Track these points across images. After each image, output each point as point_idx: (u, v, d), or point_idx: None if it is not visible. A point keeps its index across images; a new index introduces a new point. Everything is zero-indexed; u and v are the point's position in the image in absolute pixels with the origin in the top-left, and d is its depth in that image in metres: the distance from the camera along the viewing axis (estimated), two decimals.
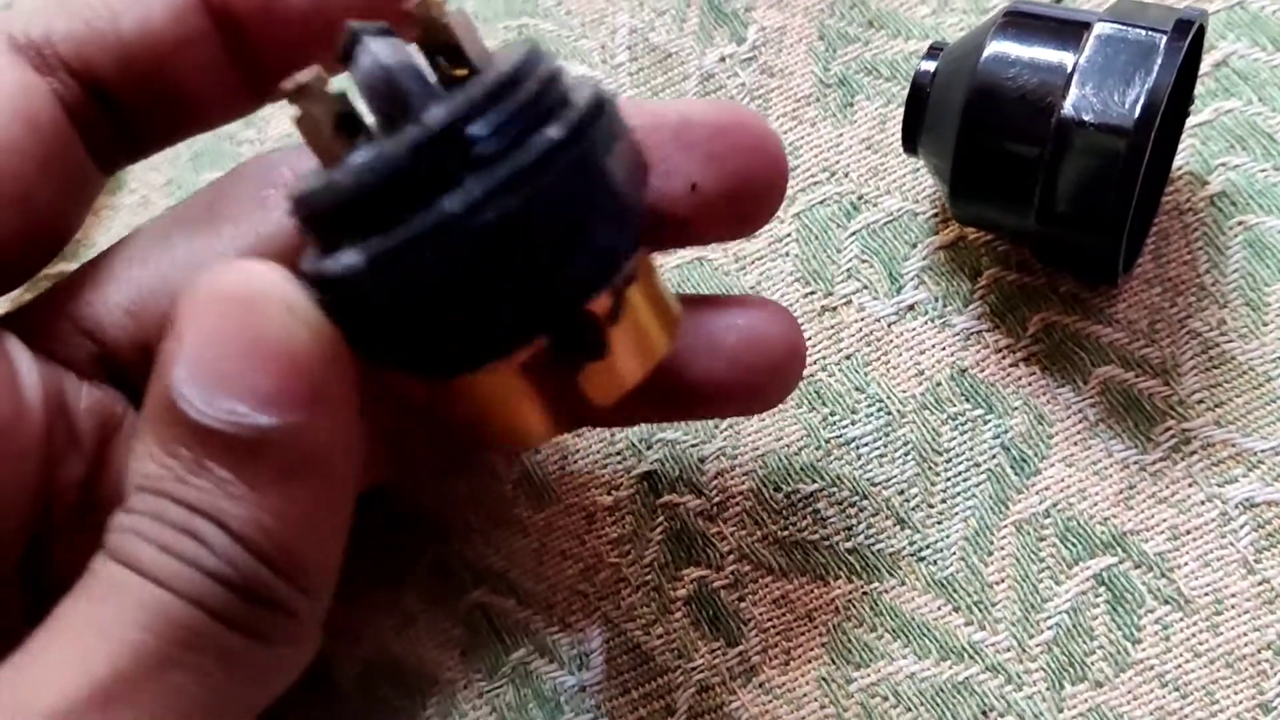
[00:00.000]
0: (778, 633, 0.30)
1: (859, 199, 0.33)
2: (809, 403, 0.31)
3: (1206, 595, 0.28)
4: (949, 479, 0.30)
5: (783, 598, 0.30)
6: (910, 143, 0.30)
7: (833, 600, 0.30)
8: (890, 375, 0.31)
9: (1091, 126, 0.26)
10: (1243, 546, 0.29)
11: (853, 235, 0.33)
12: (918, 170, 0.33)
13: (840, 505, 0.30)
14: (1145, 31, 0.27)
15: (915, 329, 0.32)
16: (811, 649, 0.29)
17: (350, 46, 0.21)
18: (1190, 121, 0.32)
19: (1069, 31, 0.28)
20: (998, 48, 0.28)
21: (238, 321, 0.20)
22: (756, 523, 0.30)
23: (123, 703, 0.19)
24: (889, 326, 0.32)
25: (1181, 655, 0.28)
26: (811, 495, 0.31)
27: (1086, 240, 0.28)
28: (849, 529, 0.30)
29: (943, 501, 0.30)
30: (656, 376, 0.26)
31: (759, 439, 0.31)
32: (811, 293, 0.32)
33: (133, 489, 0.21)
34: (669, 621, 0.30)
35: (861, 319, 0.32)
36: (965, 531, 0.30)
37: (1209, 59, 0.32)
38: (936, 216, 0.32)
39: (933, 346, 0.31)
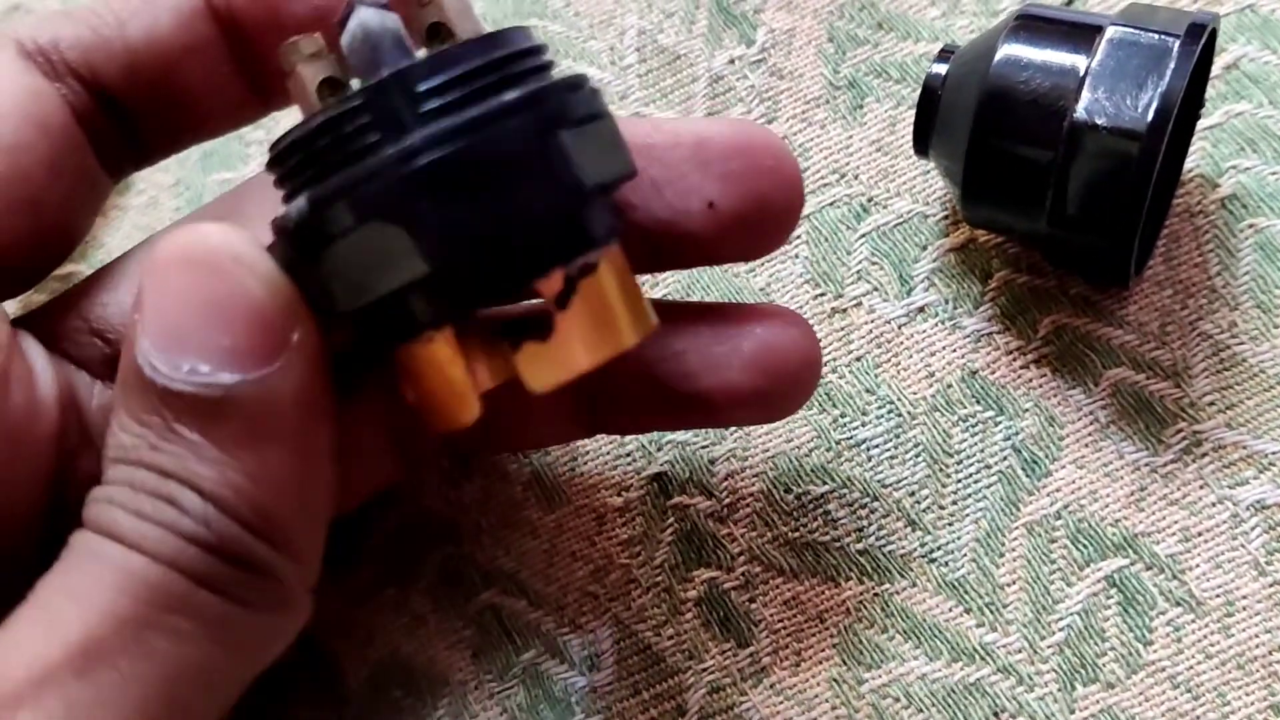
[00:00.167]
0: (789, 634, 0.30)
1: (869, 201, 0.33)
2: (819, 404, 0.31)
3: (1218, 597, 0.29)
4: (960, 481, 0.30)
5: (794, 599, 0.30)
6: (921, 145, 0.30)
7: (844, 601, 0.30)
8: (901, 377, 0.31)
9: (1104, 130, 0.27)
10: (1254, 548, 0.29)
11: (863, 237, 0.33)
12: (928, 172, 0.33)
13: (851, 507, 0.30)
14: (1158, 35, 0.27)
15: (926, 331, 0.32)
16: (823, 650, 0.29)
17: (346, 15, 0.22)
18: (1201, 124, 0.32)
19: (1081, 35, 0.28)
20: (1010, 51, 0.28)
21: (193, 282, 0.21)
22: (767, 524, 0.31)
23: (102, 666, 0.19)
24: (899, 328, 0.32)
25: (1193, 657, 0.28)
26: (822, 497, 0.31)
27: (1098, 243, 0.28)
28: (860, 530, 0.30)
29: (954, 503, 0.30)
30: (670, 385, 0.26)
31: (769, 441, 0.31)
32: (821, 294, 0.32)
33: (108, 462, 0.21)
34: (680, 623, 0.30)
35: (872, 321, 0.32)
36: (976, 533, 0.30)
37: (1219, 62, 0.32)
38: (947, 219, 0.32)
39: (943, 348, 0.31)
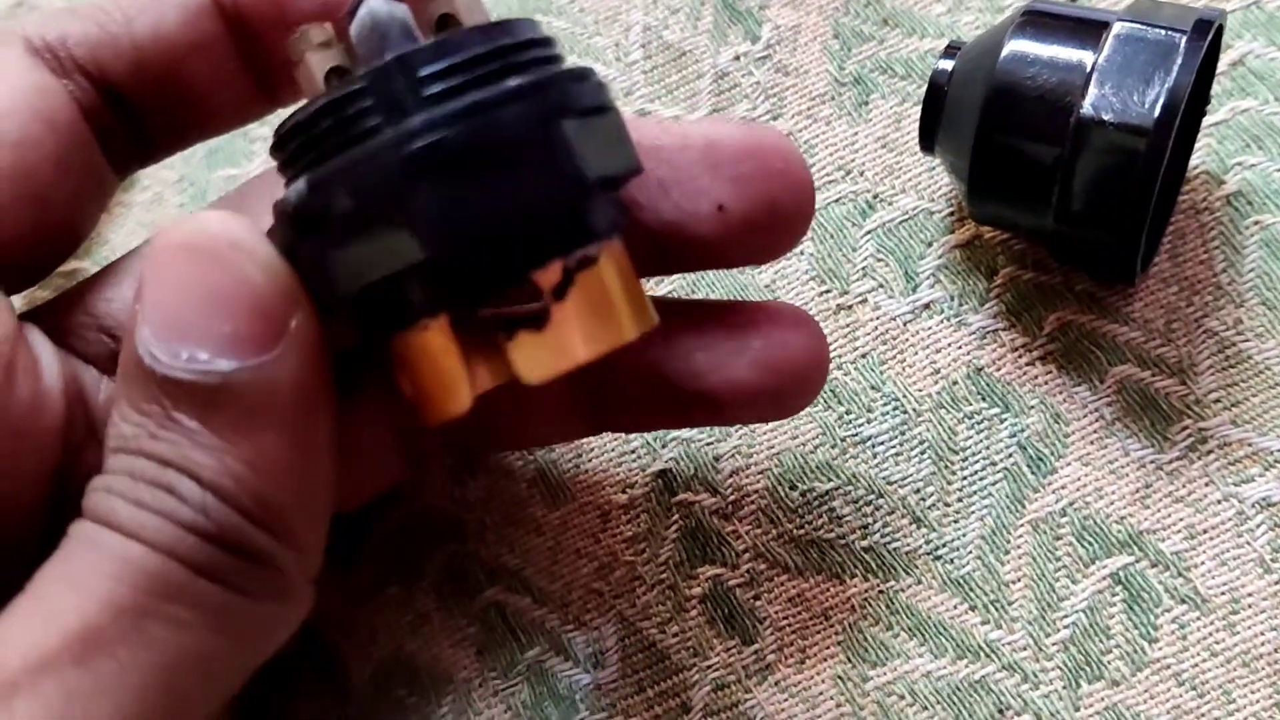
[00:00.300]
0: (793, 631, 0.30)
1: (874, 197, 0.33)
2: (825, 401, 0.31)
3: (1223, 594, 0.28)
4: (965, 478, 0.30)
5: (798, 596, 0.30)
6: (928, 141, 0.30)
7: (849, 599, 0.30)
8: (906, 374, 0.31)
9: (1111, 126, 0.26)
10: (1259, 545, 0.29)
11: (868, 234, 0.33)
12: (933, 169, 0.33)
13: (856, 504, 0.30)
14: (1164, 31, 0.27)
15: (931, 328, 0.32)
16: (827, 647, 0.29)
17: (355, 6, 0.22)
18: (1206, 121, 0.31)
19: (1088, 31, 0.28)
20: (1017, 47, 0.28)
21: (191, 269, 0.20)
22: (772, 521, 0.30)
23: (100, 654, 0.19)
24: (904, 325, 0.32)
25: (1198, 654, 0.28)
26: (827, 494, 0.31)
27: (1104, 239, 0.28)
28: (865, 527, 0.30)
29: (959, 500, 0.30)
30: (676, 383, 0.26)
31: (774, 437, 0.31)
32: (827, 291, 0.32)
33: (108, 452, 0.21)
34: (684, 620, 0.30)
35: (877, 317, 0.32)
36: (981, 530, 0.30)
37: (1225, 58, 0.32)
38: (952, 215, 0.32)
39: (948, 345, 0.31)
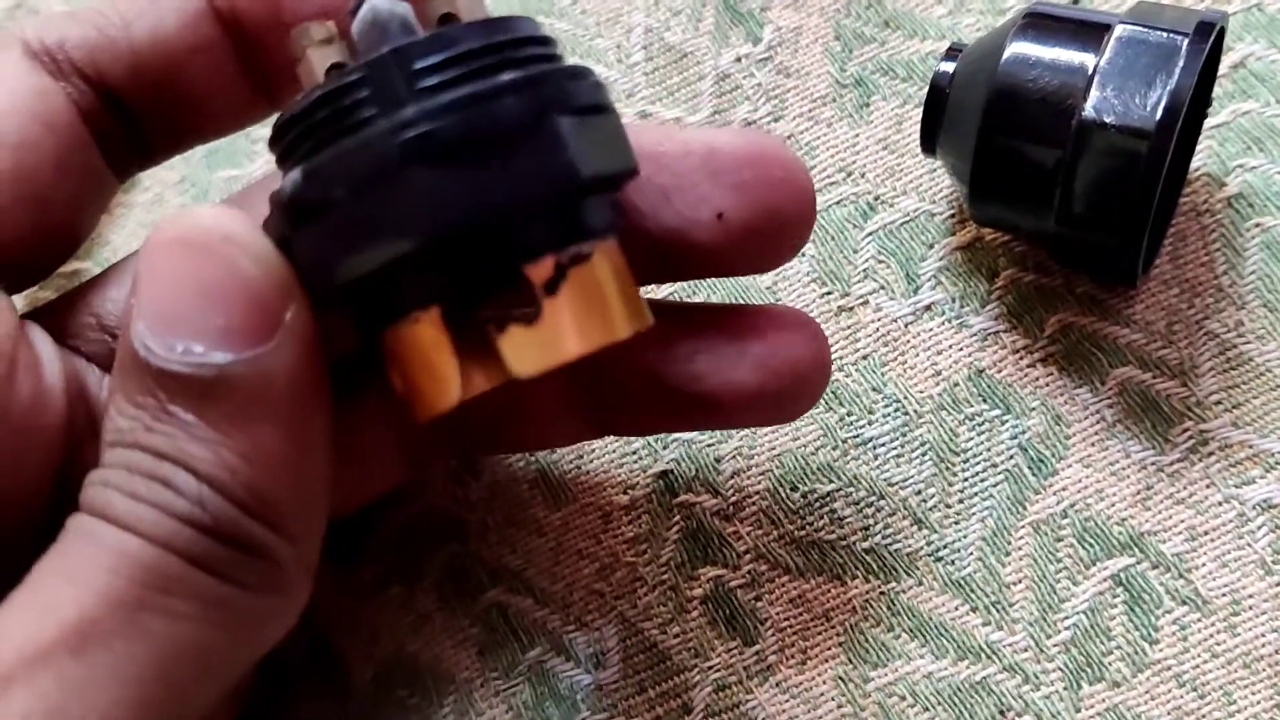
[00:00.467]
0: (794, 632, 0.30)
1: (875, 199, 0.33)
2: (826, 403, 0.31)
3: (1224, 596, 0.29)
4: (966, 479, 0.30)
5: (799, 597, 0.30)
6: (929, 144, 0.30)
7: (850, 600, 0.30)
8: (907, 376, 0.31)
9: (1112, 128, 0.26)
10: (1260, 547, 0.29)
11: (869, 236, 0.33)
12: (934, 171, 0.33)
13: (857, 505, 0.30)
14: (1166, 34, 0.27)
15: (932, 329, 0.32)
16: (828, 648, 0.29)
17: (358, 4, 0.22)
18: (1208, 123, 0.32)
19: (1089, 33, 0.28)
20: (1018, 49, 0.28)
21: (185, 263, 0.21)
22: (773, 522, 0.31)
23: (96, 646, 0.19)
24: (906, 327, 0.32)
25: (1199, 656, 0.28)
26: (828, 495, 0.31)
27: (1105, 242, 0.28)
28: (866, 529, 0.30)
29: (960, 502, 0.30)
30: (678, 386, 0.26)
31: (776, 439, 0.31)
32: (828, 293, 0.32)
33: (105, 446, 0.21)
34: (685, 620, 0.30)
35: (878, 319, 0.32)
36: (983, 532, 0.30)
37: (1227, 60, 0.32)
38: (953, 217, 0.32)
39: (950, 347, 0.31)
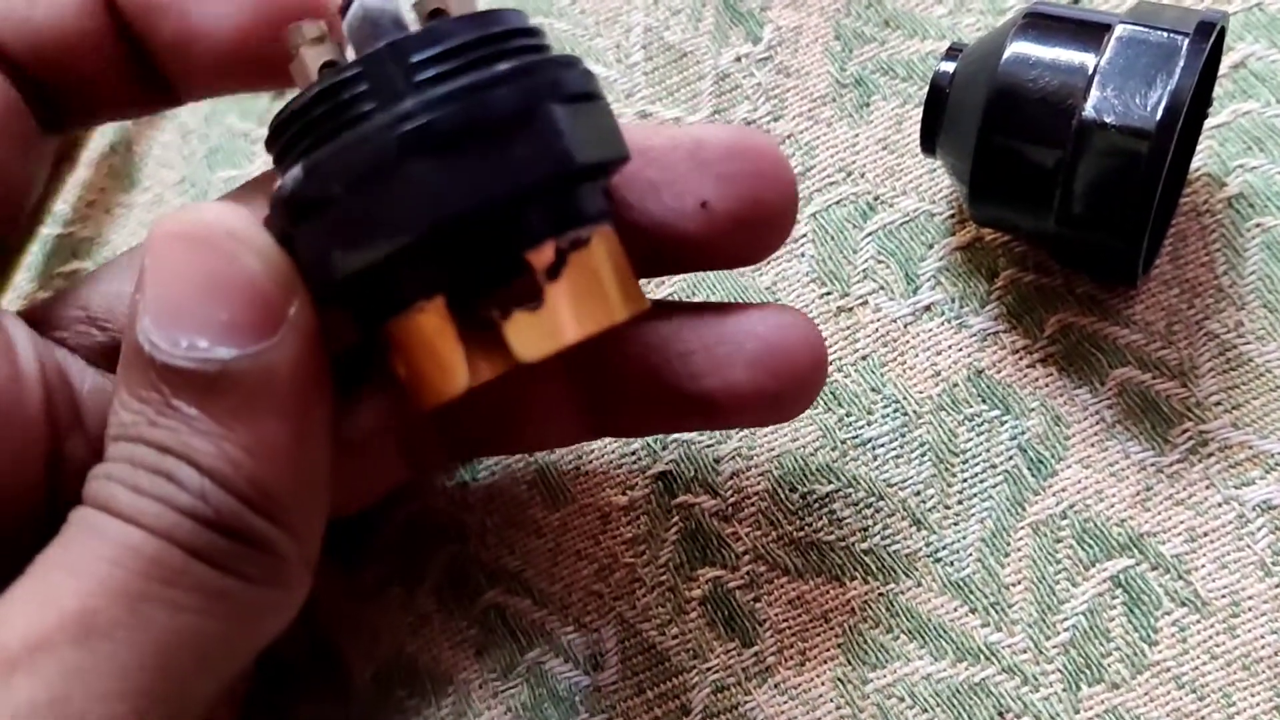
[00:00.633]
0: (793, 633, 0.30)
1: (875, 199, 0.33)
2: (825, 404, 0.31)
3: (1224, 597, 0.28)
4: (965, 480, 0.30)
5: (798, 598, 0.30)
6: (929, 144, 0.30)
7: (848, 601, 0.30)
8: (906, 376, 0.31)
9: (1113, 128, 0.26)
10: (1260, 548, 0.29)
11: (869, 236, 0.33)
12: (934, 171, 0.33)
13: (856, 506, 0.30)
14: (1166, 33, 0.27)
15: (932, 330, 0.31)
16: (827, 650, 0.29)
17: (348, 1, 0.22)
18: (1208, 123, 0.31)
19: (1090, 33, 0.28)
20: (1018, 49, 0.28)
21: (189, 258, 0.21)
22: (772, 523, 0.30)
23: (98, 635, 0.19)
24: (905, 327, 0.32)
25: (1198, 657, 0.28)
26: (827, 496, 0.30)
27: (1105, 242, 0.28)
28: (865, 530, 0.30)
29: (959, 503, 0.30)
30: (675, 385, 0.26)
31: (774, 439, 0.31)
32: (827, 293, 0.32)
33: (109, 440, 0.21)
34: (684, 622, 0.30)
35: (877, 320, 0.32)
36: (982, 533, 0.30)
37: (1227, 60, 0.32)
38: (953, 217, 0.32)
39: (949, 347, 0.31)
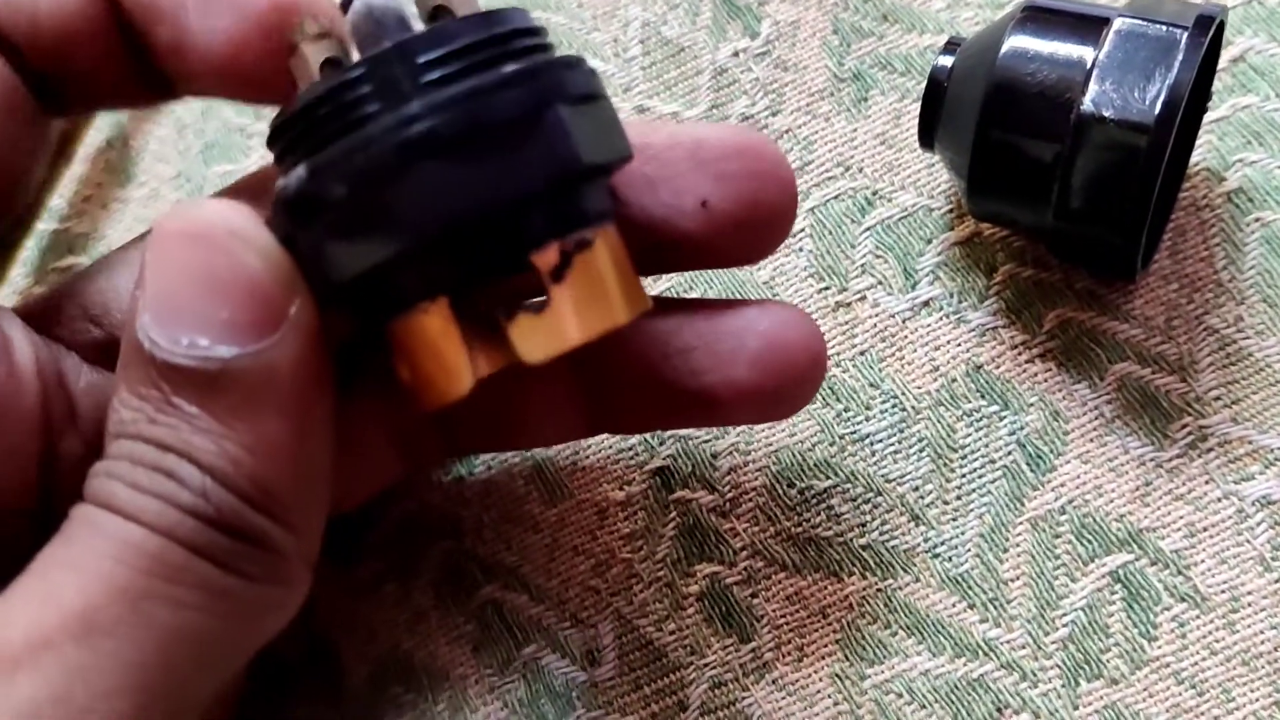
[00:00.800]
0: (791, 629, 0.30)
1: (873, 194, 0.33)
2: (823, 399, 0.31)
3: (1223, 592, 0.28)
4: (964, 475, 0.30)
5: (796, 594, 0.30)
6: (927, 138, 0.30)
7: (846, 597, 0.30)
8: (905, 371, 0.31)
9: (1111, 122, 0.26)
10: (1259, 544, 0.29)
11: (867, 231, 0.32)
12: (932, 165, 0.33)
13: (854, 501, 0.30)
14: (1165, 27, 0.27)
15: (930, 325, 0.31)
16: (825, 645, 0.29)
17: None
18: (1207, 117, 0.31)
19: (1088, 26, 0.27)
20: (1016, 42, 0.28)
21: (191, 256, 0.21)
22: (770, 519, 0.30)
23: (100, 633, 0.19)
24: (903, 322, 0.32)
25: (1198, 653, 0.28)
26: (825, 491, 0.30)
27: (1104, 236, 0.28)
28: (863, 525, 0.30)
29: (957, 498, 0.30)
30: (675, 381, 0.26)
31: (772, 435, 0.31)
32: (826, 288, 0.32)
33: (109, 439, 0.21)
34: (681, 617, 0.30)
35: (876, 315, 0.32)
36: (980, 528, 0.30)
37: (1226, 54, 0.32)
38: (951, 212, 0.32)
39: (948, 343, 0.31)
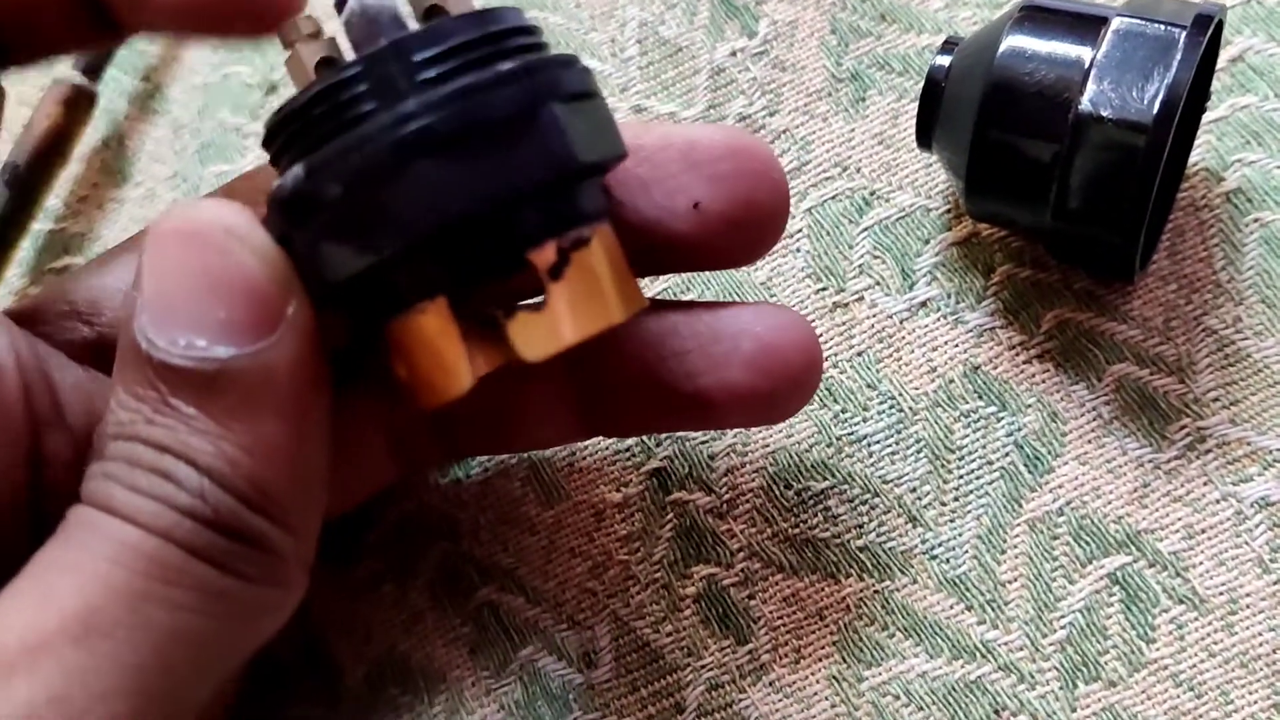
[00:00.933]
0: (788, 631, 0.29)
1: (871, 194, 0.33)
2: (820, 400, 0.31)
3: (1221, 594, 0.28)
4: (961, 477, 0.30)
5: (793, 596, 0.30)
6: (925, 138, 0.30)
7: (844, 598, 0.29)
8: (902, 372, 0.31)
9: (1109, 122, 0.26)
10: (1258, 545, 0.28)
11: (865, 231, 0.32)
12: (930, 165, 0.33)
13: (851, 503, 0.30)
14: (1164, 26, 0.27)
15: (928, 326, 0.31)
16: (822, 647, 0.29)
17: None
18: (1206, 117, 0.31)
19: (1086, 26, 0.27)
20: (1015, 42, 0.28)
21: (188, 256, 0.21)
22: (767, 520, 0.30)
23: (97, 635, 0.19)
24: (901, 323, 0.31)
25: (1196, 655, 0.28)
26: (822, 493, 0.30)
27: (1102, 237, 0.28)
28: (860, 527, 0.30)
29: (955, 499, 0.30)
30: (671, 384, 0.26)
31: (769, 436, 0.31)
32: (823, 289, 0.32)
33: (107, 439, 0.21)
34: (678, 619, 0.30)
35: (873, 315, 0.32)
36: (978, 530, 0.29)
37: (1225, 54, 0.32)
38: (949, 212, 0.32)
39: (945, 343, 0.31)
